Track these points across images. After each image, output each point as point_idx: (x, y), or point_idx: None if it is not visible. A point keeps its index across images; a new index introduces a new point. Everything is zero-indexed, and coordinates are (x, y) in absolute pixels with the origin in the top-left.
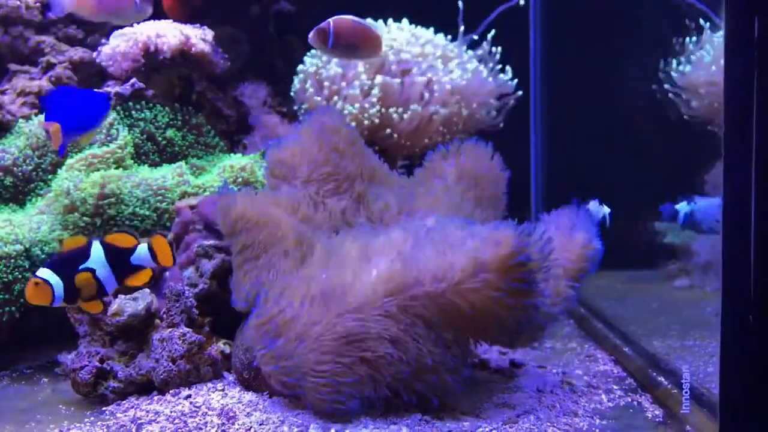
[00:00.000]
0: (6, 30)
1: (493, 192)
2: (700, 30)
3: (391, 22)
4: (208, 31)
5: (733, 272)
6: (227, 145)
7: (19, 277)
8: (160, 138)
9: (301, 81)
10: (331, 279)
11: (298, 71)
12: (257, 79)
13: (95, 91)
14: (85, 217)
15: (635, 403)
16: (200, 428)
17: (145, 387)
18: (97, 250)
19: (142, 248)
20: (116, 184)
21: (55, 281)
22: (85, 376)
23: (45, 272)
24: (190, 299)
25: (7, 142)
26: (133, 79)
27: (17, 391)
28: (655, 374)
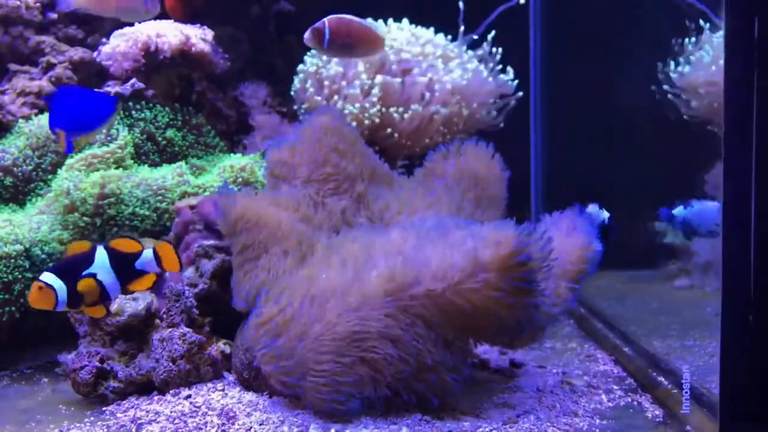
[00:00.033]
0: (6, 30)
1: (493, 192)
2: (700, 30)
3: (391, 22)
4: (208, 31)
5: (733, 272)
6: (227, 145)
7: (19, 277)
8: (160, 138)
9: (302, 81)
10: (331, 279)
11: (299, 71)
12: (257, 79)
13: (102, 92)
14: (85, 217)
15: (635, 403)
16: (200, 428)
17: (145, 387)
18: (101, 255)
19: (147, 253)
20: (116, 184)
21: (59, 286)
22: (85, 376)
23: (49, 277)
24: (190, 299)
25: (7, 142)
26: (133, 79)
27: (17, 391)
28: (655, 374)
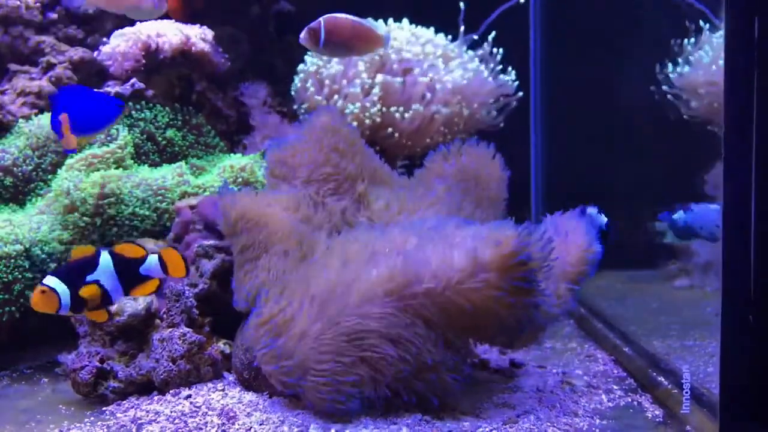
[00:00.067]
0: (6, 30)
1: (493, 193)
2: (699, 30)
3: (392, 21)
4: (208, 31)
5: (733, 272)
6: (227, 145)
7: (19, 277)
8: (160, 138)
9: (302, 80)
10: (332, 279)
11: (299, 70)
12: (257, 79)
13: (109, 95)
14: (85, 217)
15: (635, 403)
16: (200, 428)
17: (146, 387)
18: (105, 260)
19: (152, 259)
20: (116, 184)
21: (62, 290)
22: (86, 376)
23: (52, 280)
24: (190, 299)
25: (7, 142)
26: (134, 79)
27: (17, 391)
28: (655, 374)
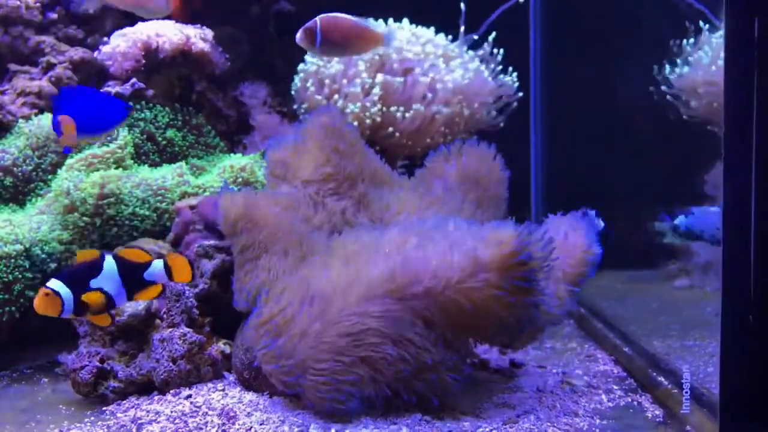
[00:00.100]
0: (6, 30)
1: (494, 193)
2: (699, 31)
3: (392, 21)
4: (208, 31)
5: (733, 272)
6: (227, 145)
7: (19, 277)
8: (160, 138)
9: (302, 80)
10: (332, 279)
11: (299, 70)
12: (257, 79)
13: (115, 97)
14: (85, 217)
15: (635, 403)
16: (201, 428)
17: (146, 387)
18: (109, 264)
19: (157, 264)
20: (116, 184)
21: (66, 293)
22: (86, 376)
23: (56, 284)
24: (191, 299)
25: (7, 142)
26: (133, 79)
27: (17, 391)
28: (655, 374)
